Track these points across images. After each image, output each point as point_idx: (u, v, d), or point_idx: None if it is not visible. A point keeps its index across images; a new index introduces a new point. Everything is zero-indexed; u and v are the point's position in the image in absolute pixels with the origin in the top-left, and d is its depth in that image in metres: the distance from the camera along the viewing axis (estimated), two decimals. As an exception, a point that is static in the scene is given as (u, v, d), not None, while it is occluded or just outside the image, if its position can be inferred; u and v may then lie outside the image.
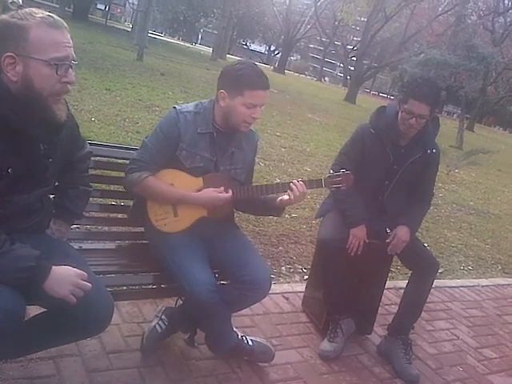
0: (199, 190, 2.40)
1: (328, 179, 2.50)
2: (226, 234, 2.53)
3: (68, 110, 1.91)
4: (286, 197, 2.45)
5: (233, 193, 2.42)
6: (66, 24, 1.74)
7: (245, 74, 2.29)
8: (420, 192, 3.10)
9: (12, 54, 1.64)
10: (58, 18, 1.72)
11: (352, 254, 2.92)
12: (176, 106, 2.43)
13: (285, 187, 2.45)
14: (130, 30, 34.56)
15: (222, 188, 2.37)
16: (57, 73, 1.68)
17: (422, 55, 20.49)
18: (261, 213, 2.85)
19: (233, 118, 2.36)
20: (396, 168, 2.98)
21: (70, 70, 1.74)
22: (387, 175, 3.01)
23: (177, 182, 2.40)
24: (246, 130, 2.45)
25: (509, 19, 29.96)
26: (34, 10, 1.69)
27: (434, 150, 3.00)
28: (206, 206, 2.40)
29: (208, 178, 2.41)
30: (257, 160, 2.77)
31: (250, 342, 2.67)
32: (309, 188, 2.45)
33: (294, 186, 2.40)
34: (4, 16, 1.67)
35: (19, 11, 1.68)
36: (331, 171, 2.58)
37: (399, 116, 2.91)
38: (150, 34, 25.96)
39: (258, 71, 2.33)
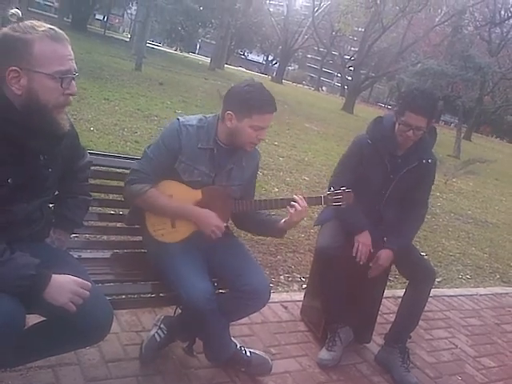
0: (197, 202, 2.41)
1: (328, 197, 2.52)
2: (224, 243, 2.52)
3: (68, 119, 1.93)
4: (288, 217, 2.46)
5: (232, 205, 2.45)
6: (66, 36, 1.76)
7: (254, 98, 2.29)
8: (414, 202, 3.09)
9: (16, 68, 1.65)
10: (60, 31, 1.74)
11: (361, 263, 2.92)
12: (179, 118, 2.43)
13: (283, 203, 2.49)
14: (128, 40, 34.77)
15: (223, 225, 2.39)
16: (61, 86, 1.71)
17: (419, 65, 20.59)
18: (262, 233, 2.84)
19: (239, 138, 2.38)
20: (392, 177, 2.99)
21: (73, 81, 1.76)
22: (384, 185, 3.02)
23: (176, 193, 2.40)
24: (252, 149, 2.47)
25: (505, 29, 30.18)
26: (35, 23, 1.71)
27: (429, 160, 3.00)
28: (198, 222, 2.38)
29: (207, 191, 2.42)
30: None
31: (248, 353, 2.66)
32: (308, 205, 2.47)
33: (295, 203, 2.41)
34: (6, 30, 1.68)
35: (20, 24, 1.69)
36: (331, 188, 2.57)
37: (396, 128, 2.92)
38: (148, 44, 26.07)
39: (266, 94, 2.34)
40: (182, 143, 2.36)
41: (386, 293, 3.37)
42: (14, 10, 1.71)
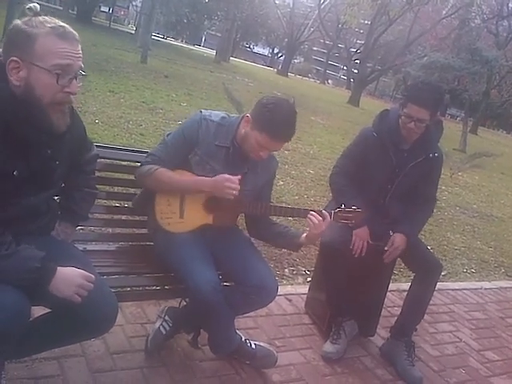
0: (207, 196, 2.41)
1: (338, 213, 2.48)
2: (230, 236, 2.54)
3: (74, 111, 1.92)
4: (308, 232, 2.46)
5: (245, 206, 2.45)
6: (77, 37, 1.72)
7: (272, 120, 2.25)
8: (422, 196, 3.09)
9: (17, 59, 1.65)
10: (70, 30, 1.71)
11: (356, 256, 2.92)
12: (202, 111, 2.45)
13: (298, 213, 2.51)
14: (133, 32, 34.70)
15: (239, 177, 2.31)
16: (57, 82, 1.67)
17: (426, 58, 20.47)
18: (277, 244, 2.84)
19: (245, 144, 2.38)
20: (398, 172, 2.98)
21: (74, 81, 1.72)
22: (389, 179, 3.01)
23: None
24: (259, 159, 2.41)
25: (513, 22, 29.95)
26: (47, 19, 1.69)
27: (436, 154, 2.99)
28: (213, 189, 2.32)
29: None
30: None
31: (253, 346, 2.67)
32: None
33: (312, 217, 2.39)
34: (18, 22, 1.68)
35: (33, 18, 1.68)
36: (342, 205, 2.51)
37: (400, 120, 2.92)
38: (153, 37, 26.04)
39: (286, 123, 2.28)
40: (199, 136, 2.38)
41: (391, 286, 3.37)
42: (33, 5, 1.70)
